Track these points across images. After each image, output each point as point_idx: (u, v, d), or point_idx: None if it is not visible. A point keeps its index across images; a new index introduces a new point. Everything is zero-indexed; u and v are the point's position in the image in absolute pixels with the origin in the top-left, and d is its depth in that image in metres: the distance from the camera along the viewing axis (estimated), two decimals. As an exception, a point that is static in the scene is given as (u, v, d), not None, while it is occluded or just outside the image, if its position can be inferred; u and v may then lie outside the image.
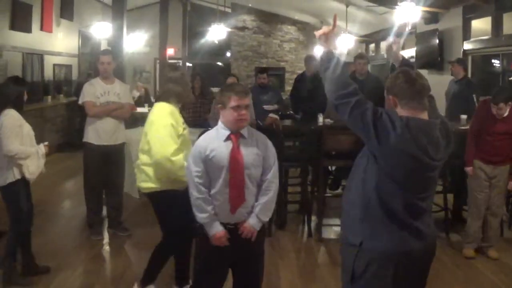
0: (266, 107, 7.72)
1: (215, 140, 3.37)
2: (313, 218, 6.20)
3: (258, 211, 3.41)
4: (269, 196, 3.47)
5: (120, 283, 4.65)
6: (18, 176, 4.38)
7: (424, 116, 2.62)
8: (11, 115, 4.36)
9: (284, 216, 6.35)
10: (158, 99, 4.22)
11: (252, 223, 3.38)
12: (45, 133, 10.52)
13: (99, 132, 5.64)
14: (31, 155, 4.40)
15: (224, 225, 3.38)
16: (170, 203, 4.03)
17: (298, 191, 6.62)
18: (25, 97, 4.60)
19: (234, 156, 3.31)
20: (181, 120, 4.09)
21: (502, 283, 4.84)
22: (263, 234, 3.58)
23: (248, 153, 3.35)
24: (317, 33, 2.85)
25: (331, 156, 6.07)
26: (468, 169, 5.43)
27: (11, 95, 4.46)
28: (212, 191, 3.36)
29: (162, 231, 4.22)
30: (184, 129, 4.08)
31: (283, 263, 5.26)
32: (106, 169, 5.70)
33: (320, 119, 6.64)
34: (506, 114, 5.22)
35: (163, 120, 3.95)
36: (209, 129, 3.65)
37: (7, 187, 4.40)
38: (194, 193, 3.37)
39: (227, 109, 3.32)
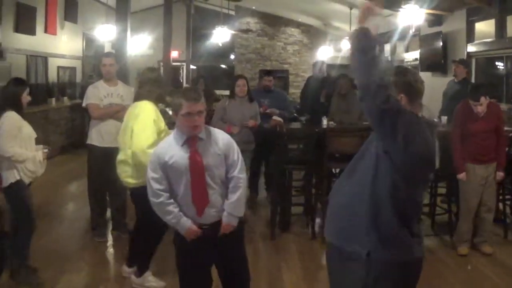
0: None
1: (174, 146, 3.35)
2: (317, 220, 6.19)
3: (231, 209, 3.40)
4: (240, 193, 3.43)
5: (124, 285, 4.64)
6: (18, 176, 4.39)
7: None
8: (10, 117, 4.34)
9: (288, 218, 6.34)
10: (139, 98, 4.45)
11: (227, 221, 3.39)
12: (49, 135, 10.53)
13: (103, 134, 5.65)
14: (27, 159, 4.39)
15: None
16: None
17: (302, 193, 6.61)
18: (27, 98, 4.57)
19: (193, 160, 3.29)
20: (161, 117, 4.35)
21: (506, 286, 4.82)
22: (240, 235, 3.60)
23: (208, 154, 3.33)
24: (365, 5, 2.60)
25: (335, 158, 6.06)
26: (461, 175, 5.41)
27: (10, 96, 4.46)
28: (177, 197, 3.36)
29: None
30: (165, 125, 4.35)
31: (287, 265, 5.25)
32: (109, 171, 5.68)
33: (324, 121, 6.64)
34: (484, 113, 5.27)
35: (146, 115, 4.20)
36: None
37: (9, 187, 4.40)
38: (152, 199, 3.37)
39: (179, 116, 3.28)
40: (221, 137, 3.46)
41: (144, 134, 4.12)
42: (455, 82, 7.57)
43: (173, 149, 3.33)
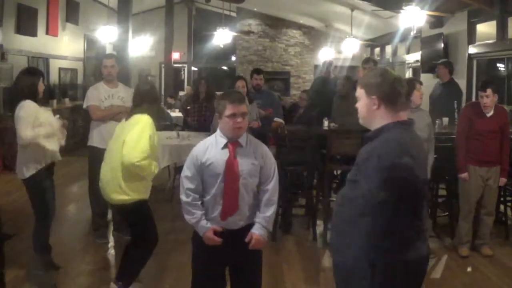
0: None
1: (213, 148, 3.38)
2: (318, 222, 6.19)
3: (265, 223, 3.43)
4: (274, 208, 3.49)
5: (125, 287, 4.64)
6: (38, 167, 4.44)
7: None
8: (27, 106, 4.38)
9: (289, 220, 6.34)
10: (136, 111, 4.26)
11: (261, 233, 3.40)
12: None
13: (104, 136, 5.64)
14: (45, 134, 4.41)
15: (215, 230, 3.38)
16: (137, 211, 4.21)
17: (304, 195, 6.61)
18: (42, 85, 4.62)
19: (230, 165, 3.31)
20: (156, 134, 4.24)
21: (507, 287, 4.81)
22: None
23: (245, 162, 3.35)
24: None
25: (336, 160, 6.06)
26: (463, 175, 5.44)
27: (24, 86, 4.49)
28: (206, 197, 3.38)
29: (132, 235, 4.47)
30: (157, 142, 4.26)
31: (288, 267, 5.25)
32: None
33: (326, 123, 6.64)
34: (491, 113, 5.31)
35: (142, 128, 4.06)
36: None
37: (29, 179, 4.45)
38: (182, 197, 3.41)
39: (223, 118, 3.32)
40: (260, 148, 3.49)
41: (137, 146, 3.96)
42: (440, 84, 7.57)
43: (212, 151, 3.37)
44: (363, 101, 2.61)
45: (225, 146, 3.36)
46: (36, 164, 4.46)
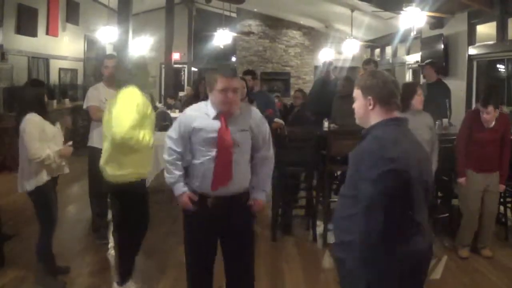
0: None
1: (204, 115, 3.31)
2: (318, 222, 6.19)
3: (263, 184, 3.42)
4: (269, 168, 3.46)
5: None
6: (45, 179, 4.43)
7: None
8: (32, 120, 4.34)
9: (289, 220, 6.34)
10: (123, 84, 4.22)
11: (261, 197, 3.40)
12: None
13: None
14: (51, 155, 4.38)
15: (206, 196, 3.34)
16: (133, 192, 4.21)
17: (304, 196, 6.61)
18: (45, 98, 4.59)
19: (222, 136, 3.23)
20: (148, 103, 4.16)
21: (508, 289, 4.83)
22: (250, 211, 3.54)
23: (237, 130, 3.29)
24: None
25: (336, 160, 6.06)
26: (461, 180, 5.44)
27: (30, 99, 4.46)
28: (197, 162, 3.31)
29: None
30: (151, 111, 4.17)
31: (288, 267, 5.25)
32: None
33: (326, 123, 6.63)
34: (493, 124, 5.28)
35: (128, 99, 3.99)
36: None
37: (35, 191, 4.42)
38: (165, 156, 3.41)
39: (214, 91, 3.23)
40: (253, 115, 3.43)
41: (123, 118, 3.86)
42: (427, 84, 7.55)
43: (203, 119, 3.30)
44: (359, 101, 2.68)
45: (217, 117, 3.28)
46: (43, 176, 4.44)
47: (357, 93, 2.69)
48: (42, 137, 4.33)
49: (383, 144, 2.45)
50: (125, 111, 3.91)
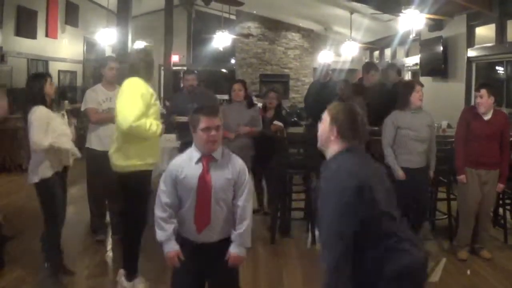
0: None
1: (188, 162, 3.38)
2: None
3: (240, 240, 3.42)
4: (247, 224, 3.44)
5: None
6: (50, 172, 4.45)
7: None
8: (38, 111, 4.38)
9: (288, 223, 6.34)
10: (126, 77, 4.26)
11: (238, 252, 3.40)
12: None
13: (102, 138, 5.63)
14: (58, 138, 4.44)
15: (191, 242, 3.40)
16: (140, 183, 4.25)
17: (302, 198, 6.60)
18: (52, 86, 4.63)
19: (203, 180, 3.31)
20: (152, 92, 4.21)
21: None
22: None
23: (218, 177, 3.35)
24: None
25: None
26: (461, 177, 5.44)
27: (34, 92, 4.50)
28: (182, 210, 3.39)
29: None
30: (156, 100, 4.24)
31: (287, 270, 5.25)
32: (109, 175, 5.68)
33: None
34: (489, 116, 5.31)
35: (131, 90, 4.04)
36: None
37: (40, 184, 4.45)
38: (157, 212, 3.41)
39: (197, 131, 3.31)
40: (235, 162, 3.47)
41: (128, 108, 3.95)
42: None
43: (186, 166, 3.37)
44: (325, 126, 2.78)
45: (199, 160, 3.36)
46: (48, 169, 4.45)
47: (325, 117, 2.80)
48: (49, 129, 4.37)
49: (341, 175, 2.53)
50: (130, 100, 3.98)
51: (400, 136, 5.36)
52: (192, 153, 3.40)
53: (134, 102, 3.98)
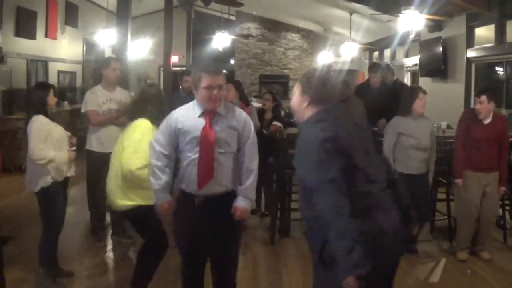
0: None
1: (189, 115, 3.38)
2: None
3: (247, 193, 3.43)
4: (253, 176, 3.47)
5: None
6: (50, 180, 4.45)
7: None
8: (38, 121, 4.39)
9: (288, 223, 6.34)
10: (136, 116, 4.13)
11: (244, 204, 3.41)
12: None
13: (103, 141, 5.62)
14: (60, 159, 4.45)
15: (193, 196, 3.39)
16: (144, 217, 4.09)
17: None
18: (53, 99, 4.62)
19: (205, 134, 3.30)
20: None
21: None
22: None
23: (222, 130, 3.34)
24: None
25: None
26: (458, 181, 5.42)
27: (36, 101, 4.50)
28: (184, 163, 3.38)
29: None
30: None
31: (287, 270, 5.25)
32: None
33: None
34: (488, 120, 5.30)
35: (141, 135, 3.95)
36: None
37: (40, 191, 4.46)
38: (153, 161, 3.43)
39: (199, 89, 3.29)
40: (240, 114, 3.48)
41: (135, 155, 3.84)
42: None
43: (188, 118, 3.36)
44: (296, 96, 2.87)
45: (202, 115, 3.35)
46: (46, 178, 4.44)
47: (297, 87, 2.87)
48: (47, 139, 4.38)
49: (315, 128, 2.63)
50: (138, 146, 3.87)
51: (401, 143, 5.33)
52: (194, 107, 3.39)
53: (142, 150, 3.83)
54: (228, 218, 3.44)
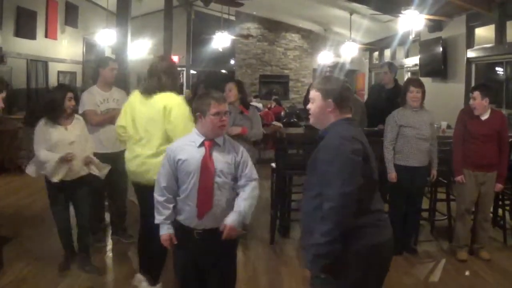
0: None
1: (189, 146, 3.40)
2: (317, 225, 6.17)
3: (238, 206, 3.40)
4: (249, 201, 3.44)
5: (123, 290, 4.65)
6: (54, 178, 4.59)
7: None
8: (39, 124, 4.62)
9: (288, 223, 6.34)
10: (160, 89, 4.22)
11: (232, 220, 3.35)
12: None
13: (102, 141, 5.60)
14: (50, 161, 4.53)
15: (192, 230, 3.40)
16: None
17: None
18: (71, 102, 4.73)
19: (205, 163, 3.33)
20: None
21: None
22: (235, 244, 3.60)
23: (220, 161, 3.38)
24: None
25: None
26: (458, 178, 5.43)
27: (48, 102, 4.69)
28: (182, 196, 3.39)
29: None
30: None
31: (287, 270, 5.24)
32: (109, 176, 5.67)
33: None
34: (486, 116, 5.33)
35: (184, 109, 4.08)
36: None
37: (45, 180, 4.70)
38: (156, 196, 3.44)
39: (207, 116, 3.33)
40: (237, 148, 3.51)
41: (186, 131, 3.79)
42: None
43: (188, 149, 3.39)
44: (317, 103, 2.87)
45: (202, 144, 3.38)
46: (50, 171, 4.59)
47: (315, 95, 2.88)
48: (47, 141, 4.59)
49: (339, 137, 2.68)
50: (187, 124, 3.95)
51: (403, 134, 5.38)
52: (194, 137, 3.43)
53: (190, 123, 3.89)
54: (227, 252, 3.52)
